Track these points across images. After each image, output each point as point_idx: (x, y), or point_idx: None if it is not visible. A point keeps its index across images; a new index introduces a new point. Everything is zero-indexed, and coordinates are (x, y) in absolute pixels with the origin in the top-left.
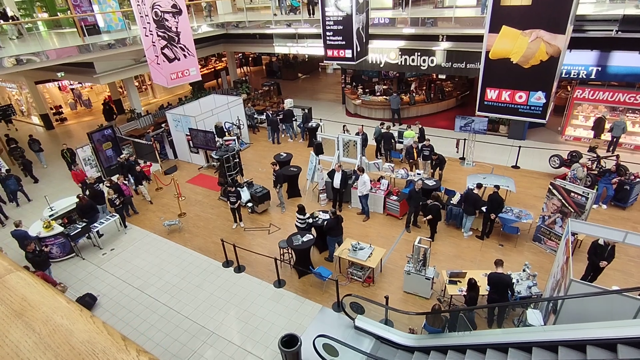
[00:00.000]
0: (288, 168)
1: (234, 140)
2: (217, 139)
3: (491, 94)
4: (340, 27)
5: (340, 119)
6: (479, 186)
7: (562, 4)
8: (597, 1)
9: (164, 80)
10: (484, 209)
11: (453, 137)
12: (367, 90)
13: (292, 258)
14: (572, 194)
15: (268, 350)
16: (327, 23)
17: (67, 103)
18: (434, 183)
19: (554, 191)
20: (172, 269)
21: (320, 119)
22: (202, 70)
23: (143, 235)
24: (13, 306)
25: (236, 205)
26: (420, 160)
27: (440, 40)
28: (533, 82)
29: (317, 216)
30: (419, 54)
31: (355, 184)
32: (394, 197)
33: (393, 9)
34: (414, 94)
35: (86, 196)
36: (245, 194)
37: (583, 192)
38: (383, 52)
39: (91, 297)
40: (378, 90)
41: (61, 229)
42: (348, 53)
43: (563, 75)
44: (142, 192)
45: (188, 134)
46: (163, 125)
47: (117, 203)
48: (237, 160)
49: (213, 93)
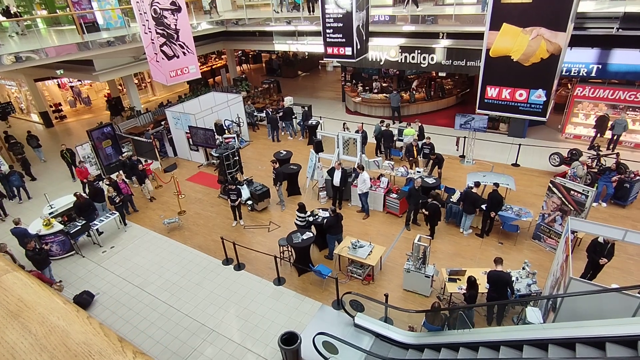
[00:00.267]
0: (288, 166)
1: (234, 138)
2: (217, 137)
3: (491, 92)
4: (340, 25)
5: (340, 117)
6: (477, 184)
7: (563, 2)
8: None
9: (163, 77)
10: (484, 207)
11: (453, 135)
12: (367, 88)
13: (292, 256)
14: (572, 192)
15: (268, 348)
16: (327, 20)
17: (67, 101)
18: (434, 181)
19: (554, 189)
20: (172, 267)
21: (320, 117)
22: (202, 67)
23: (143, 233)
24: (9, 307)
25: (237, 203)
26: (420, 158)
27: (440, 37)
28: (533, 80)
29: (317, 214)
30: (419, 52)
31: (355, 182)
32: (394, 195)
33: (393, 7)
34: (415, 92)
35: (86, 194)
36: (245, 192)
37: (583, 190)
38: (383, 50)
39: (89, 295)
40: (375, 87)
41: (61, 227)
42: (348, 50)
43: (563, 73)
44: (148, 190)
45: (188, 132)
46: (163, 123)
47: (117, 201)
48: (237, 158)
49: (213, 91)
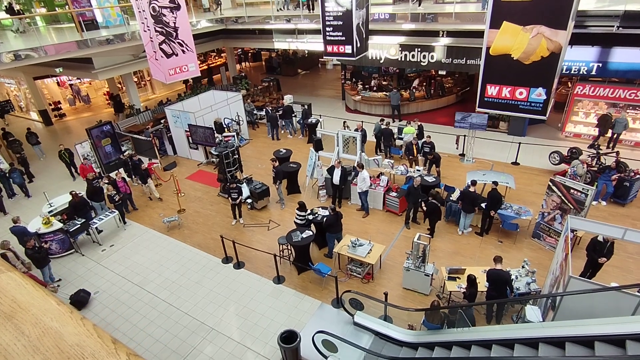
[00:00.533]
0: (287, 164)
1: (234, 136)
2: (217, 135)
3: (491, 90)
4: (340, 23)
5: (340, 115)
6: (474, 183)
7: (564, 0)
8: None
9: (163, 76)
10: (483, 206)
11: (453, 134)
12: (367, 86)
13: (292, 254)
14: (572, 191)
15: (267, 346)
16: (327, 18)
17: (66, 99)
18: (433, 180)
19: (554, 188)
20: (172, 266)
21: (320, 115)
22: (200, 66)
23: (142, 231)
24: (3, 308)
25: (237, 201)
26: (420, 157)
27: (440, 36)
28: (534, 79)
29: (317, 212)
30: (419, 50)
31: (354, 181)
32: (394, 194)
33: (394, 4)
34: (415, 90)
35: (85, 192)
36: (245, 190)
37: (583, 189)
38: (383, 48)
39: (85, 293)
40: (374, 85)
41: (60, 225)
42: (348, 49)
43: (563, 71)
44: (151, 190)
45: (187, 130)
46: (162, 121)
47: (117, 199)
48: (237, 156)
49: (212, 89)
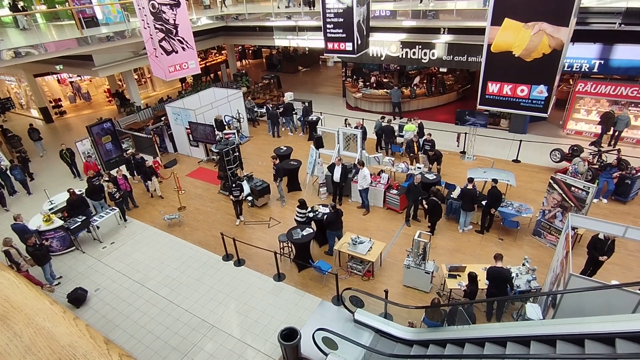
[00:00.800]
0: (288, 162)
1: (234, 133)
2: (217, 133)
3: (492, 88)
4: (340, 20)
5: (340, 113)
6: (471, 180)
7: None
8: None
9: (163, 73)
10: (484, 203)
11: (454, 131)
12: (368, 83)
13: (292, 252)
14: (573, 188)
15: (268, 343)
16: (328, 15)
17: (67, 96)
18: (434, 177)
19: (555, 185)
20: (172, 263)
21: (320, 113)
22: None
23: (143, 229)
24: None
25: (240, 197)
26: (420, 154)
27: (441, 33)
28: (535, 76)
29: (317, 210)
30: (420, 47)
31: (355, 178)
32: (394, 191)
33: (394, 1)
34: (416, 88)
35: (85, 190)
36: (245, 188)
37: (584, 187)
38: (384, 45)
39: (83, 290)
40: (373, 81)
41: (61, 223)
42: (349, 46)
43: (565, 68)
44: (154, 188)
45: (188, 128)
46: (162, 118)
47: (117, 197)
48: (237, 153)
49: (213, 86)
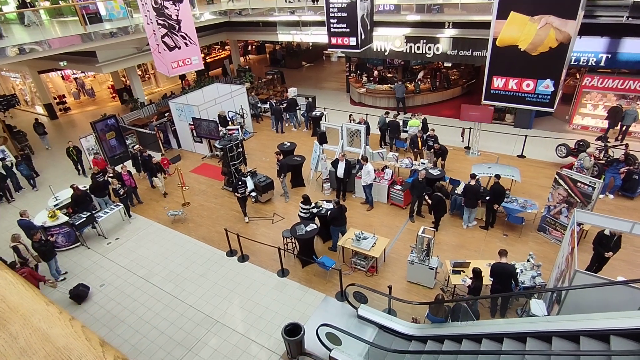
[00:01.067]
0: (292, 157)
1: (238, 129)
2: (221, 129)
3: (498, 82)
4: (344, 14)
5: (344, 108)
6: (473, 176)
7: None
8: None
9: (166, 69)
10: (487, 199)
11: (458, 126)
12: (372, 78)
13: (296, 248)
14: (579, 184)
15: (272, 338)
16: (331, 10)
17: (71, 92)
18: (438, 173)
19: (560, 181)
20: (177, 258)
21: (324, 108)
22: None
23: (147, 224)
24: None
25: (246, 193)
26: (424, 150)
27: (446, 27)
28: (541, 70)
29: (321, 206)
30: (425, 42)
31: (359, 174)
32: (398, 187)
33: None
34: (420, 83)
35: (89, 186)
36: (249, 183)
37: (590, 182)
38: (388, 40)
39: (84, 287)
40: (376, 75)
41: (66, 219)
42: (352, 41)
43: (572, 62)
44: (157, 185)
45: (191, 124)
46: (166, 114)
47: (122, 193)
48: (241, 149)
49: (216, 82)
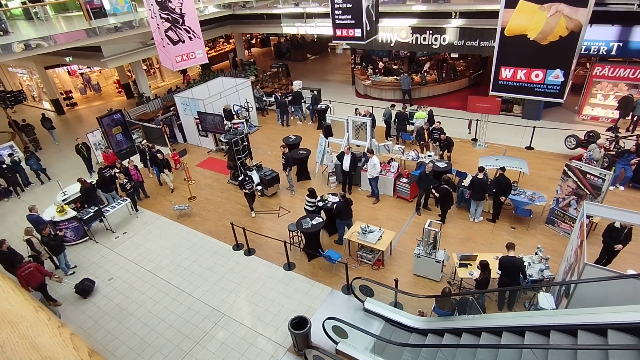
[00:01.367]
0: (297, 151)
1: (243, 123)
2: (226, 122)
3: (506, 73)
4: (349, 6)
5: (350, 101)
6: (481, 169)
7: None
8: None
9: (170, 63)
10: (494, 191)
11: (465, 118)
12: (377, 70)
13: (302, 241)
14: (588, 176)
15: (278, 332)
16: (336, 1)
17: (77, 88)
18: (445, 165)
19: (570, 173)
20: (183, 252)
21: (329, 101)
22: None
23: (154, 219)
24: None
25: (253, 189)
26: (431, 142)
27: (452, 17)
28: (551, 60)
29: (327, 199)
30: (431, 32)
31: (364, 167)
32: (404, 180)
33: None
34: (426, 74)
35: (96, 181)
36: (255, 177)
37: (600, 174)
38: (393, 31)
39: (90, 281)
40: (381, 67)
41: (74, 213)
42: (357, 32)
43: (582, 51)
44: (166, 181)
45: (197, 118)
46: (172, 109)
47: (128, 187)
48: (246, 143)
49: (221, 75)
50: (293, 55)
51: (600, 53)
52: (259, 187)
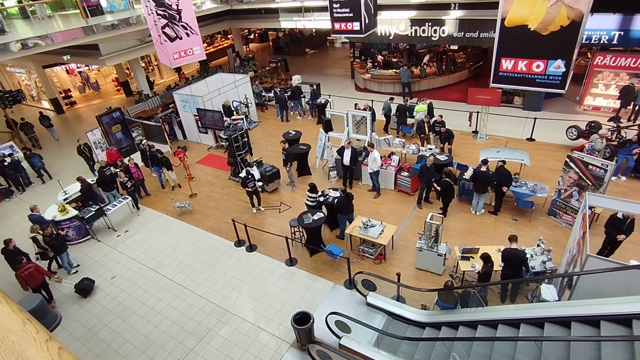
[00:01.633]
0: (297, 146)
1: (242, 119)
2: (225, 119)
3: (506, 64)
4: None
5: (349, 95)
6: (485, 162)
7: None
8: None
9: (168, 60)
10: (495, 183)
11: (465, 110)
12: (376, 64)
13: (303, 236)
14: (590, 167)
15: (281, 327)
16: None
17: (76, 86)
18: (446, 158)
19: (571, 164)
20: (185, 249)
21: (329, 95)
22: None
23: (156, 216)
24: None
25: (256, 186)
26: (431, 135)
27: (452, 8)
28: (552, 50)
29: (328, 194)
30: (430, 24)
31: (365, 161)
32: (405, 173)
33: None
34: (425, 67)
35: (96, 180)
36: (255, 173)
37: (602, 164)
38: (392, 24)
39: (89, 281)
40: (380, 60)
41: (76, 213)
42: (356, 26)
43: (583, 41)
44: (169, 178)
45: (196, 114)
46: (171, 106)
47: (129, 186)
48: (246, 139)
49: (220, 71)
50: (292, 50)
51: (601, 42)
52: (260, 183)
